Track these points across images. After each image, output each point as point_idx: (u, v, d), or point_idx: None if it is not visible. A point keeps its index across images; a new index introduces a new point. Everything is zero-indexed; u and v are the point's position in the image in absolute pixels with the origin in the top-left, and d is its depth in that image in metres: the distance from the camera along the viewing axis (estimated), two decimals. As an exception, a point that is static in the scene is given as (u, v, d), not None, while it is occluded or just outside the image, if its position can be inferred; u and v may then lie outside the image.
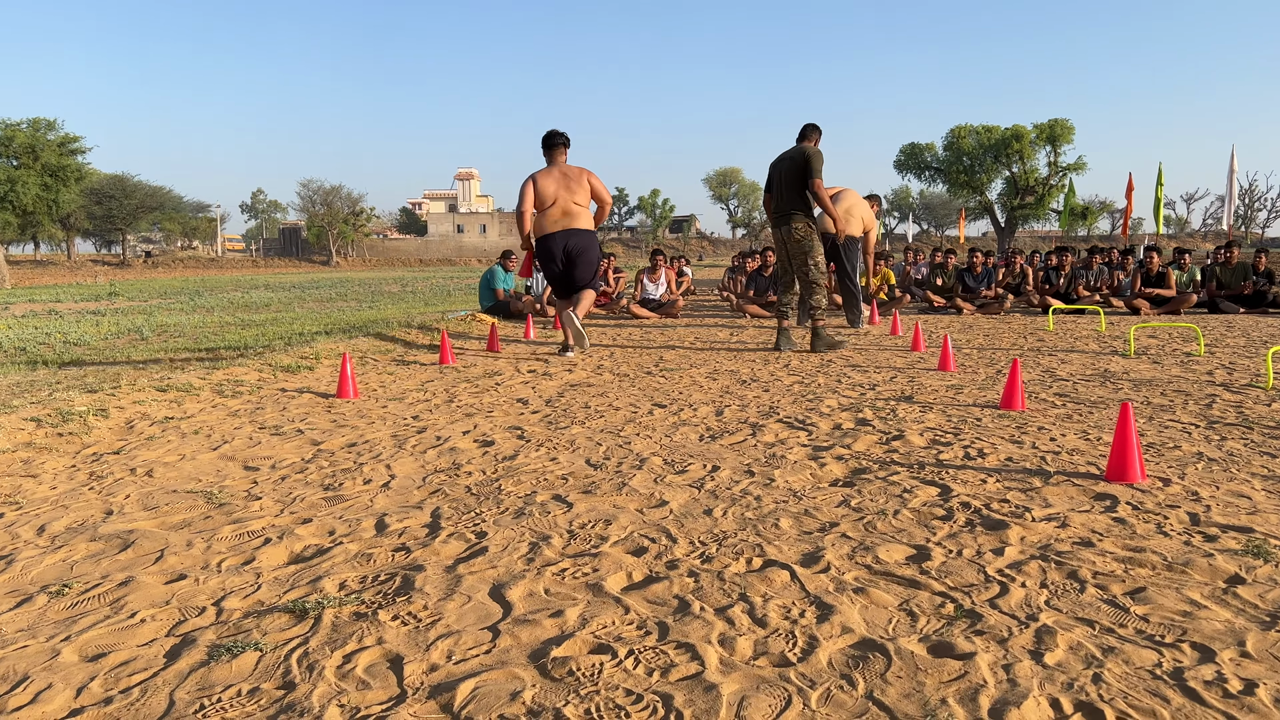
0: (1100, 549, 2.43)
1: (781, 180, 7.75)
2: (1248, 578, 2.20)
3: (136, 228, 75.47)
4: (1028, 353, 7.55)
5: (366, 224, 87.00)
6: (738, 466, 3.47)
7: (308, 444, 4.00)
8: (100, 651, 1.89)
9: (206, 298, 23.38)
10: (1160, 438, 3.94)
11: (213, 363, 6.80)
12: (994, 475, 3.26)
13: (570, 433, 4.19)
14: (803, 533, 2.62)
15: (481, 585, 2.23)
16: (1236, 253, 13.11)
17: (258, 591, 2.24)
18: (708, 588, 2.19)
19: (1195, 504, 2.86)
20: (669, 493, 3.09)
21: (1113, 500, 2.91)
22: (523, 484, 3.24)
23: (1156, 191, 21.98)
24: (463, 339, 9.13)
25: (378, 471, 3.47)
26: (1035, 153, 53.20)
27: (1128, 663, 1.76)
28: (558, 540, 2.57)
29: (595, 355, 7.64)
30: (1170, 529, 2.60)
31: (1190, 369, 6.34)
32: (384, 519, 2.83)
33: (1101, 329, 9.83)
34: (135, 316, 16.09)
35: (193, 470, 3.53)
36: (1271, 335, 8.97)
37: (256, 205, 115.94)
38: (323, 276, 46.73)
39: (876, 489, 3.10)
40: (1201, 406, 4.73)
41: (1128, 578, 2.22)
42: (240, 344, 9.41)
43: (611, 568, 2.34)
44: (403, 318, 12.71)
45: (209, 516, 2.90)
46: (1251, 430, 4.08)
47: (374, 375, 6.29)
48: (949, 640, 1.87)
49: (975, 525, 2.67)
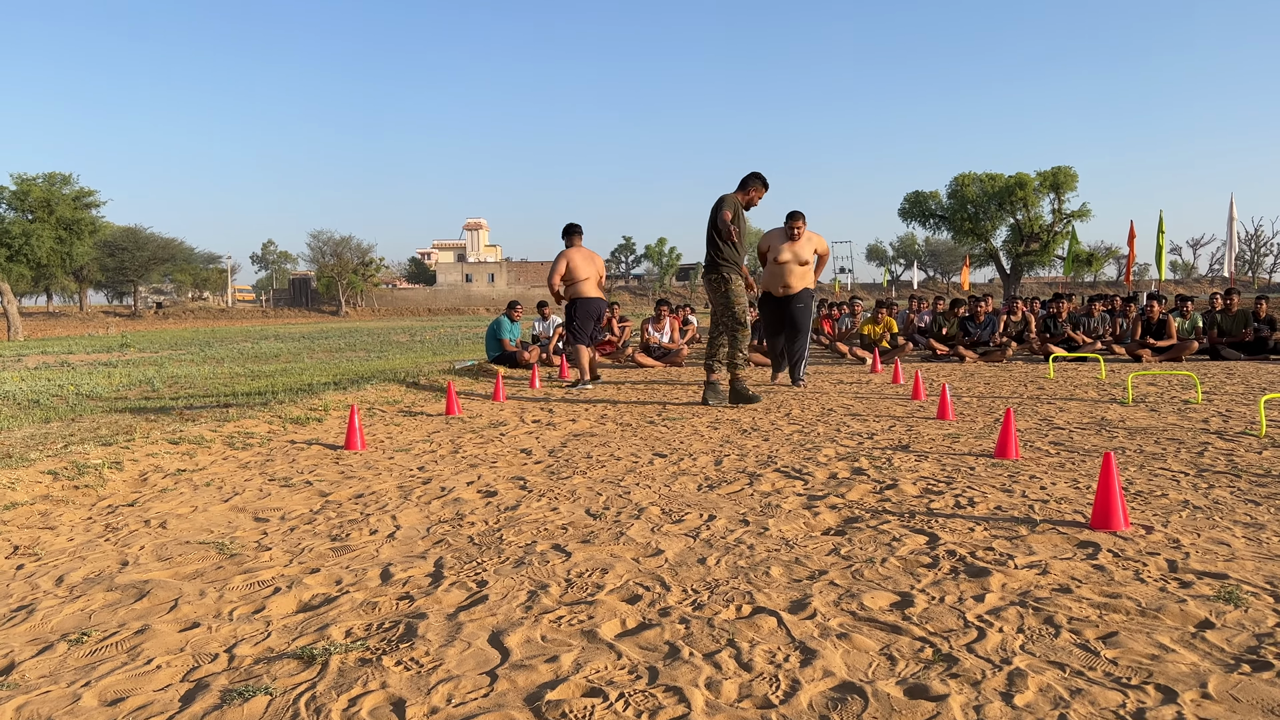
0: (1078, 595, 2.52)
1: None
2: (1217, 622, 2.29)
3: (148, 279, 76.28)
4: (1027, 400, 7.65)
5: (376, 274, 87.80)
6: (733, 516, 3.57)
7: (316, 495, 4.12)
8: (119, 696, 1.99)
9: (217, 348, 23.63)
10: (1149, 485, 4.03)
11: (223, 415, 6.93)
12: (982, 524, 3.36)
13: (571, 483, 4.30)
14: (792, 580, 2.71)
15: (481, 632, 2.33)
16: (1237, 300, 13.22)
17: (268, 639, 2.34)
18: (698, 633, 2.28)
19: (1175, 551, 2.95)
20: (665, 542, 3.19)
21: (1095, 548, 3.00)
22: (524, 534, 3.35)
23: (1158, 239, 22.15)
24: (469, 389, 9.26)
25: (383, 522, 3.58)
26: (1039, 200, 53.62)
27: (1093, 704, 1.85)
28: (555, 589, 2.67)
29: (599, 405, 7.76)
30: (1147, 576, 2.69)
31: (1186, 416, 6.43)
32: (389, 568, 2.93)
33: (1102, 376, 9.91)
34: (147, 368, 16.29)
35: (205, 522, 3.64)
36: (1271, 382, 9.05)
37: (267, 256, 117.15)
38: (332, 327, 47.11)
39: (867, 537, 3.19)
40: (1193, 454, 4.82)
41: (1101, 623, 2.31)
42: (250, 395, 9.56)
43: (606, 615, 2.44)
44: (411, 368, 12.87)
45: (221, 566, 3.01)
46: (1239, 478, 4.16)
47: (381, 427, 6.42)
48: (925, 683, 1.96)
49: (959, 573, 2.76)
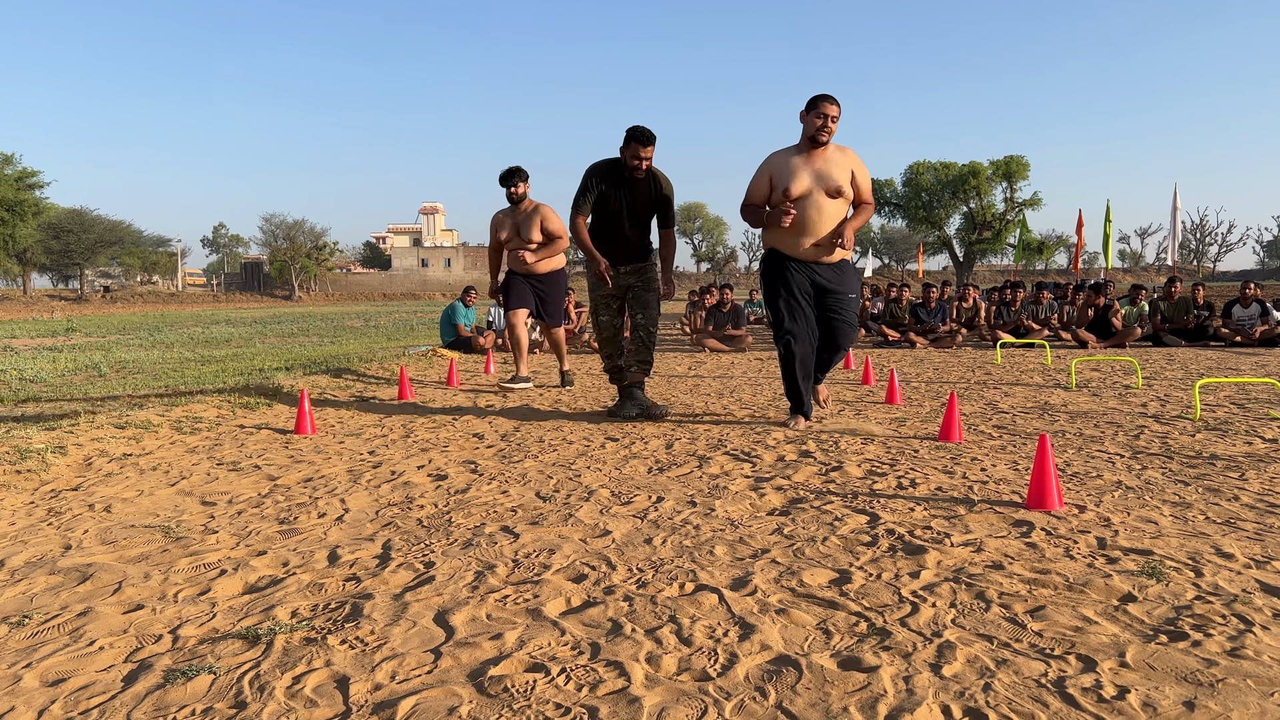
0: (1009, 571, 2.61)
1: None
2: (1139, 596, 2.38)
3: (95, 262, 74.69)
4: (973, 386, 7.80)
5: (329, 258, 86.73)
6: (681, 497, 3.62)
7: (264, 479, 4.10)
8: (60, 677, 1.99)
9: (166, 333, 23.24)
10: (1085, 467, 4.14)
11: (171, 399, 6.86)
12: (922, 504, 3.44)
13: (523, 466, 4.32)
14: (735, 559, 2.77)
15: (427, 611, 2.36)
16: (1179, 288, 13.56)
17: (213, 620, 2.34)
18: (640, 610, 2.33)
19: (1105, 529, 3.05)
20: (613, 523, 3.23)
21: (1029, 527, 3.09)
22: (473, 516, 3.37)
23: (1105, 228, 22.59)
24: (422, 374, 9.23)
25: (332, 505, 3.58)
26: (992, 189, 54.39)
27: (1017, 673, 1.92)
28: (502, 569, 2.70)
29: (553, 390, 7.78)
30: (1077, 553, 2.78)
31: (1126, 401, 6.60)
32: (336, 551, 2.94)
33: (1048, 362, 10.13)
34: (93, 353, 15.99)
35: (151, 505, 3.62)
36: (1209, 368, 9.31)
37: (218, 239, 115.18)
38: (285, 311, 46.52)
39: (810, 517, 3.26)
40: (1129, 437, 4.96)
41: (1030, 597, 2.39)
42: (200, 379, 9.44)
43: (552, 593, 2.47)
44: (364, 353, 12.78)
45: (166, 550, 3.00)
46: (1171, 460, 4.30)
47: (332, 412, 6.38)
48: (858, 655, 2.02)
49: (897, 551, 2.83)
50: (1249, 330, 12.62)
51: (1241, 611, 2.27)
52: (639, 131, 5.59)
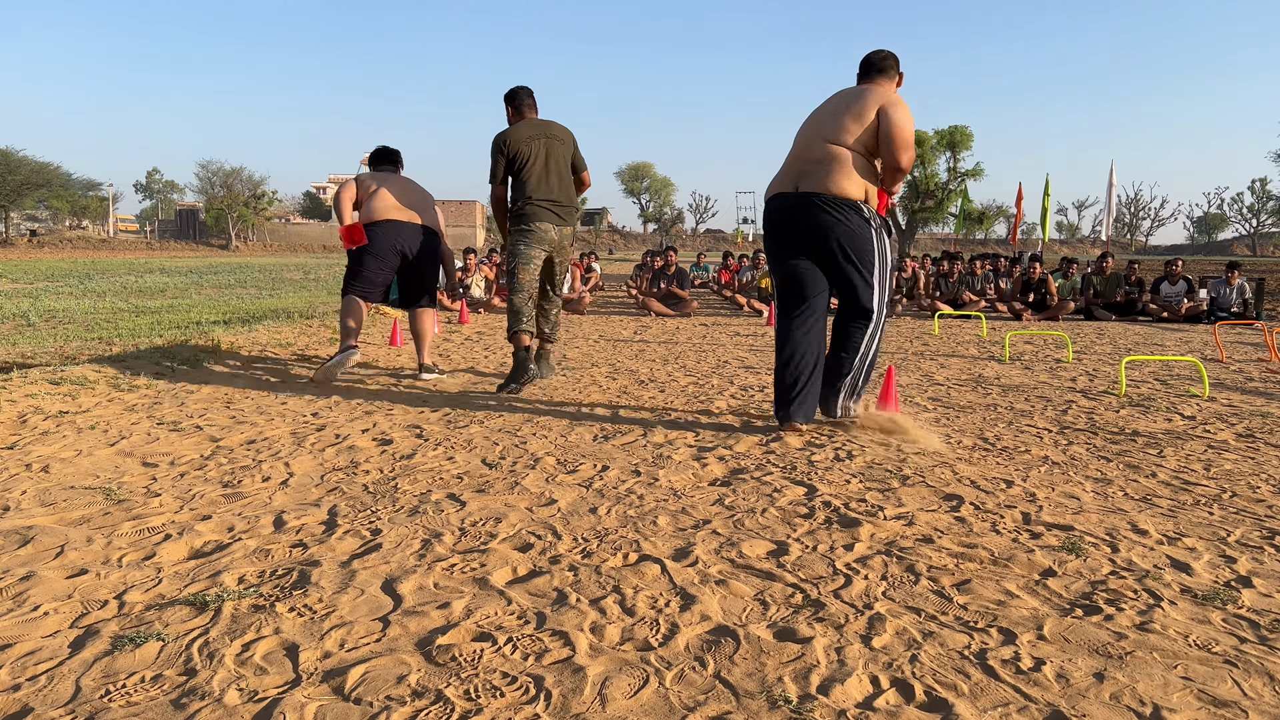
0: (938, 545, 2.72)
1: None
2: (1059, 571, 2.52)
3: (21, 205, 72.10)
4: (911, 357, 7.98)
5: (268, 207, 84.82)
6: (626, 466, 3.69)
7: (207, 440, 4.08)
8: (5, 643, 2.00)
9: (98, 281, 22.65)
10: (1015, 442, 4.30)
11: (107, 352, 6.73)
12: (858, 477, 3.55)
13: (469, 432, 4.35)
14: (678, 529, 2.85)
15: (374, 580, 2.40)
16: (1111, 263, 13.93)
17: (159, 585, 2.36)
18: (585, 581, 2.40)
19: (1030, 504, 3.19)
20: (559, 492, 3.29)
21: (959, 500, 3.22)
22: (419, 483, 3.40)
23: (1044, 201, 23.05)
24: (365, 331, 9.15)
25: (276, 469, 3.58)
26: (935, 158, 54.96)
27: (942, 645, 2.03)
28: (449, 537, 2.75)
29: (499, 353, 7.79)
30: (1003, 527, 2.91)
31: (1057, 375, 6.82)
32: (282, 516, 2.96)
33: (983, 334, 10.38)
34: (21, 300, 15.55)
35: (90, 466, 3.58)
36: (1136, 344, 9.63)
37: (152, 185, 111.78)
38: (221, 261, 45.54)
39: (750, 488, 3.35)
40: (1058, 412, 5.14)
41: (958, 571, 2.51)
42: (135, 333, 9.26)
43: (498, 563, 2.53)
44: (304, 307, 12.61)
45: (108, 513, 2.99)
46: (1096, 436, 4.48)
47: (273, 368, 6.33)
48: (793, 626, 2.12)
49: (833, 523, 2.94)
50: (1175, 306, 13.04)
51: (1152, 587, 2.41)
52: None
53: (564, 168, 5.80)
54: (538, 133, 5.74)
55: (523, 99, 5.89)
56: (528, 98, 5.90)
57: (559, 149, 5.78)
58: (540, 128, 5.77)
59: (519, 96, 5.89)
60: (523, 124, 5.78)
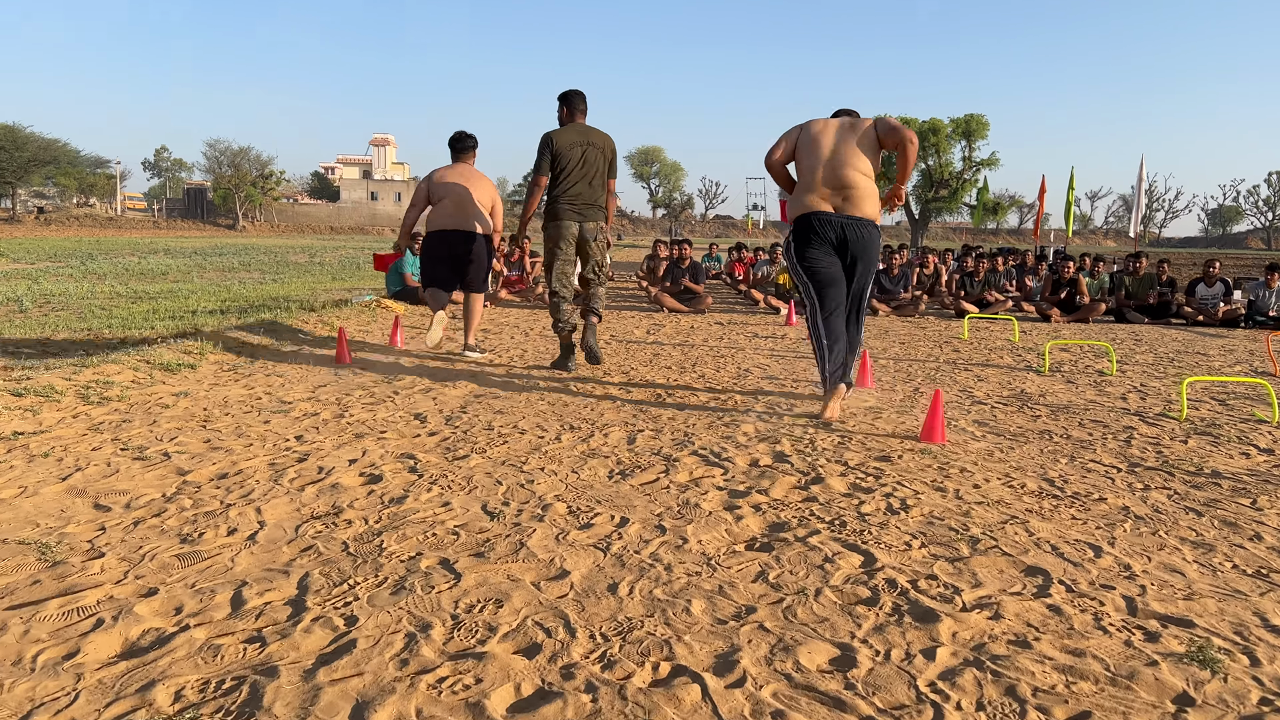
0: (1038, 651, 2.22)
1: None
2: (1198, 698, 2.02)
3: (28, 182, 71.73)
4: (944, 365, 7.46)
5: (276, 187, 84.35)
6: (648, 519, 3.20)
7: (173, 473, 3.60)
8: None
9: (100, 262, 22.21)
10: (1084, 485, 3.80)
11: (86, 355, 6.26)
12: (918, 538, 3.06)
13: (469, 464, 3.87)
14: (716, 621, 2.36)
15: (343, 703, 1.91)
16: (1144, 263, 13.36)
17: (73, 705, 1.88)
18: (606, 710, 1.91)
19: (1130, 583, 2.69)
20: (571, 557, 2.80)
21: (1045, 577, 2.72)
22: (408, 540, 2.92)
23: (1068, 195, 22.42)
24: (364, 330, 8.66)
25: (245, 517, 3.10)
26: (951, 147, 54.22)
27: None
28: (439, 631, 2.26)
29: (506, 354, 7.29)
30: (1109, 623, 2.41)
31: (1104, 392, 6.31)
32: (242, 591, 2.48)
33: (1015, 339, 9.85)
34: (18, 282, 15.11)
35: (32, 510, 3.11)
36: (1177, 351, 9.08)
37: (160, 163, 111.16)
38: (227, 242, 45.08)
39: (795, 555, 2.86)
40: (1120, 443, 4.64)
41: (1071, 699, 2.01)
42: (127, 324, 8.78)
43: (498, 677, 2.04)
44: (306, 295, 12.14)
45: (37, 581, 2.51)
46: (1173, 477, 3.97)
47: (261, 378, 5.84)
48: (880, 797, 1.63)
49: (903, 613, 2.44)
50: (1211, 310, 12.48)
51: (1319, 725, 1.91)
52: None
53: (596, 175, 6.28)
54: (581, 139, 6.21)
55: (576, 103, 6.36)
56: (580, 103, 6.37)
57: (595, 156, 6.25)
58: (584, 134, 6.24)
59: (573, 101, 6.36)
60: (570, 128, 6.26)
